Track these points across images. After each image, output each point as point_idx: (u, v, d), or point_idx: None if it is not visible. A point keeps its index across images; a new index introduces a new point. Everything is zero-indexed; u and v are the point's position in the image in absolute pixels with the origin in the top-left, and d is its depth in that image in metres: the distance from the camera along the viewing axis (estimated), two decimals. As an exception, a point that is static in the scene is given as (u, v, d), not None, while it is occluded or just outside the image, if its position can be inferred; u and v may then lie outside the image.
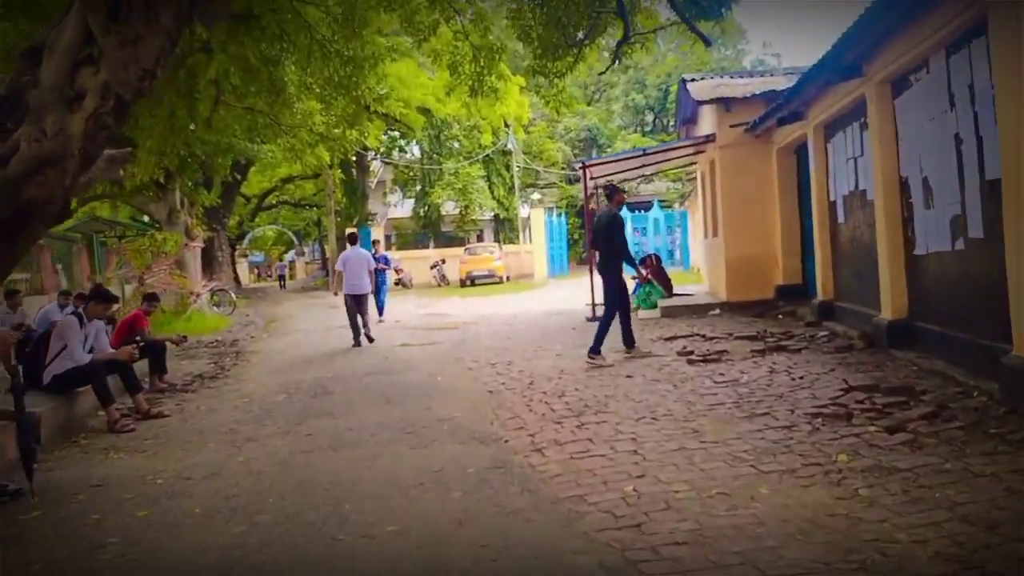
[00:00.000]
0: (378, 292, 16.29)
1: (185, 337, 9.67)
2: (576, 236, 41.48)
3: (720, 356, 7.99)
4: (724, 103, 12.28)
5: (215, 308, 23.38)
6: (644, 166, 15.15)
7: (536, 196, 36.69)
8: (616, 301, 8.78)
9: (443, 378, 8.59)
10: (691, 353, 8.42)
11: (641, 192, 41.70)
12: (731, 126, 12.26)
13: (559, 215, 35.92)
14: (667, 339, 9.81)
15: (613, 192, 8.73)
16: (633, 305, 14.83)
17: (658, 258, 15.11)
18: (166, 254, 19.70)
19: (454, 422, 6.27)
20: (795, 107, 9.66)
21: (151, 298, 9.92)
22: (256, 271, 62.53)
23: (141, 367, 9.28)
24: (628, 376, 7.41)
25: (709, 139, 12.79)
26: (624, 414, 5.81)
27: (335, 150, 17.27)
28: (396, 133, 38.71)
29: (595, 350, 8.60)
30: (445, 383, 8.27)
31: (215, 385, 9.39)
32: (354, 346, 12.21)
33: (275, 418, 6.99)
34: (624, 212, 32.56)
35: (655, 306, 14.30)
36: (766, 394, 6.06)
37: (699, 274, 26.53)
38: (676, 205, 34.38)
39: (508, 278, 31.70)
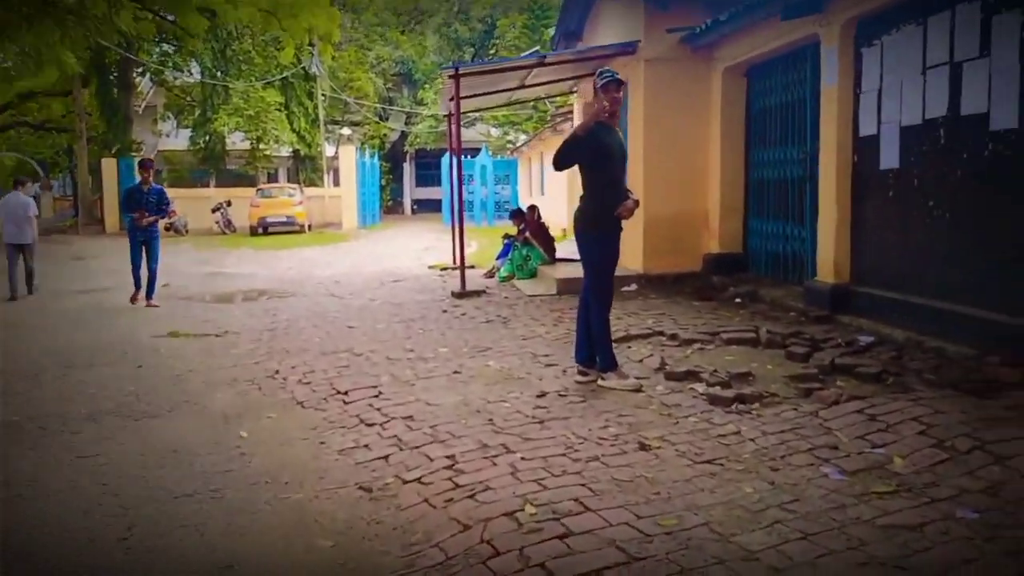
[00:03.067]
0: (147, 249, 10.18)
1: None
2: (384, 182, 37.01)
3: (761, 393, 4.54)
4: (658, -3, 8.80)
5: None
6: (522, 87, 11.44)
7: (346, 131, 31.66)
8: (602, 276, 5.05)
9: (252, 434, 4.43)
10: (694, 378, 4.93)
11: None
12: (669, 30, 8.82)
13: (372, 156, 31.24)
14: (614, 340, 6.24)
15: (605, 87, 4.87)
16: (503, 272, 11.24)
17: (537, 210, 11.51)
18: None
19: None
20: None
21: None
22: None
23: None
24: (648, 449, 3.74)
25: (628, 48, 9.28)
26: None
27: (70, 32, 11.74)
28: (169, 47, 31.80)
29: (608, 363, 4.99)
30: (256, 451, 4.12)
31: None
32: (10, 300, 10.78)
33: None
34: (447, 157, 28.94)
35: (534, 274, 10.78)
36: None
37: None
38: (508, 153, 31.04)
39: (310, 227, 26.87)
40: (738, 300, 7.88)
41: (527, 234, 10.89)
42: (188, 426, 4.61)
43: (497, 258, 11.75)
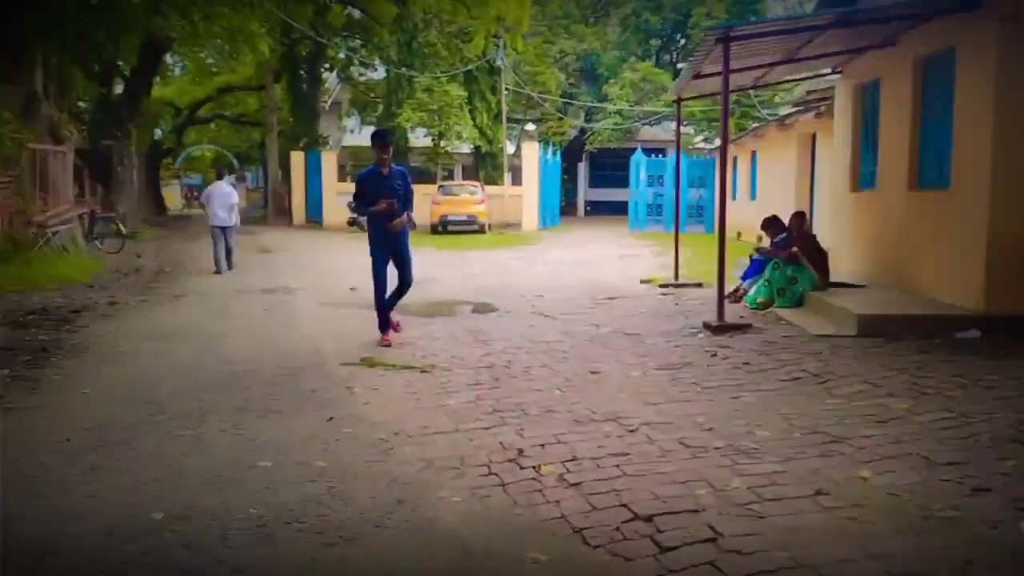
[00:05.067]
0: (397, 261, 7.11)
1: None
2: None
3: None
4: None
5: (96, 243, 16.79)
6: (788, 61, 9.01)
7: (531, 127, 30.14)
8: None
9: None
10: None
11: (641, 135, 35.52)
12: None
13: (555, 153, 29.52)
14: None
15: None
16: (754, 296, 8.90)
17: (804, 218, 9.04)
18: (2, 160, 12.89)
19: None
20: None
21: None
22: (193, 195, 54.72)
23: None
24: None
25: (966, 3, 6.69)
26: None
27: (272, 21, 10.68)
28: (356, 42, 31.72)
29: None
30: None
31: None
32: (215, 273, 12.82)
33: None
34: (638, 155, 26.74)
35: (800, 302, 8.37)
36: None
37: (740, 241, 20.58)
38: (706, 153, 28.27)
39: (489, 227, 25.55)
40: None
41: (794, 249, 8.48)
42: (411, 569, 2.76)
43: (742, 277, 9.42)
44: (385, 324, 7.10)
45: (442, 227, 24.45)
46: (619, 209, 37.48)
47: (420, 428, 4.38)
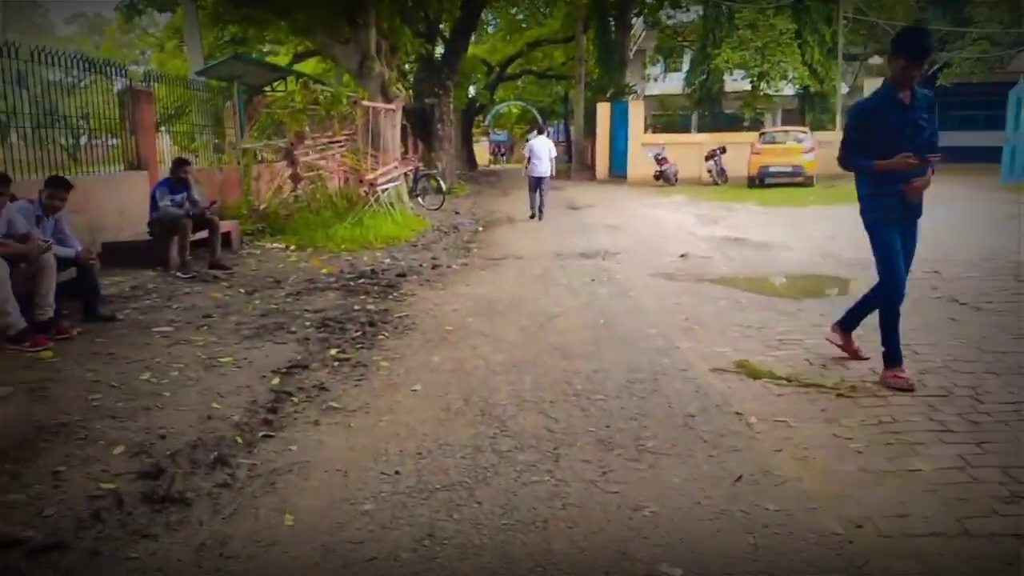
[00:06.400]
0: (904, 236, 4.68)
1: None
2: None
3: None
4: None
5: (419, 199, 17.13)
6: None
7: (876, 60, 25.83)
8: None
9: None
10: None
11: (1012, 67, 28.94)
12: None
13: (904, 92, 25.00)
14: None
15: None
16: None
17: None
18: (339, 119, 13.23)
19: None
20: None
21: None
22: (500, 151, 57.06)
23: None
24: None
25: None
26: None
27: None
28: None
29: None
30: None
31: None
32: (531, 218, 14.02)
33: None
34: (1019, 88, 21.50)
35: None
36: None
37: None
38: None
39: (814, 179, 22.39)
40: None
41: None
42: None
43: None
44: (895, 348, 4.38)
45: (759, 180, 21.84)
46: (967, 156, 31.32)
47: (894, 518, 2.73)
